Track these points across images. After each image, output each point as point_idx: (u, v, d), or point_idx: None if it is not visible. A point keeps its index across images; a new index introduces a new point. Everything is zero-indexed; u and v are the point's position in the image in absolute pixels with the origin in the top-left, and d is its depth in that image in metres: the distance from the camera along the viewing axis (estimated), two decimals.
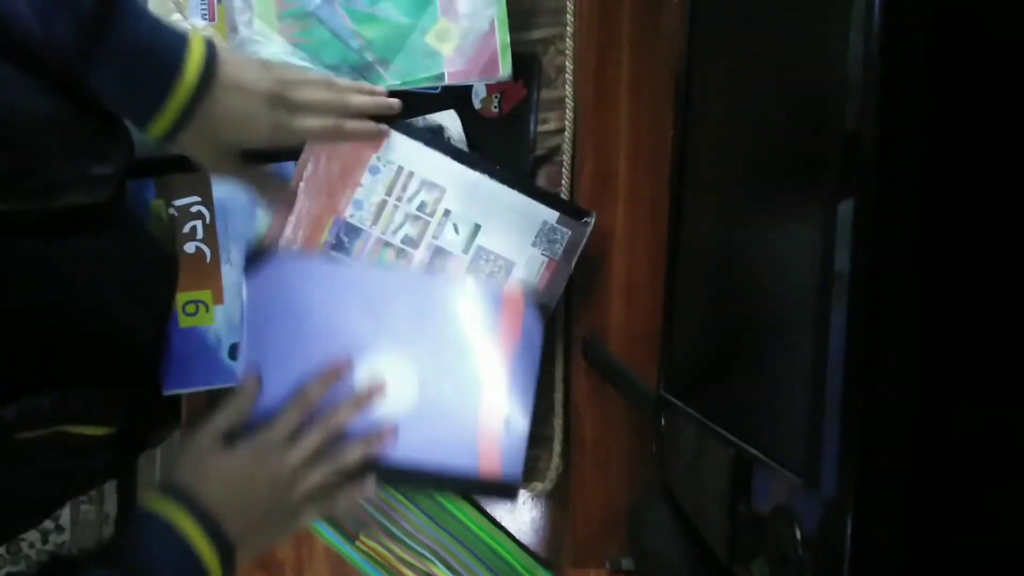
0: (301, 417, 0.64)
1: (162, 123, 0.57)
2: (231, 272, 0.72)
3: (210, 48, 0.58)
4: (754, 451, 0.38)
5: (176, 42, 0.57)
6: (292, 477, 0.62)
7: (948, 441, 0.29)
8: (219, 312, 0.72)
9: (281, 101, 0.61)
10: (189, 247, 0.72)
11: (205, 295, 0.72)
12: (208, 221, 0.72)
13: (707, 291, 0.52)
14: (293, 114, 0.62)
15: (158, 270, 0.71)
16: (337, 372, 0.66)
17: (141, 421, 0.72)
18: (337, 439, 0.65)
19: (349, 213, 0.69)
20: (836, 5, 0.31)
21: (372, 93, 0.67)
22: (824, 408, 0.30)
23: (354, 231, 0.69)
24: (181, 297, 0.72)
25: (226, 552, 0.58)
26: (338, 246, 0.69)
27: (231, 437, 0.63)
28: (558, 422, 0.71)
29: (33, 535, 1.61)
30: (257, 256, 0.68)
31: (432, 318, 0.67)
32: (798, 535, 0.31)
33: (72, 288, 0.61)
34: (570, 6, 0.72)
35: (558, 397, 0.71)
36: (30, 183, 0.55)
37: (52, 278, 0.59)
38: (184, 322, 0.72)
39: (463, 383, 0.67)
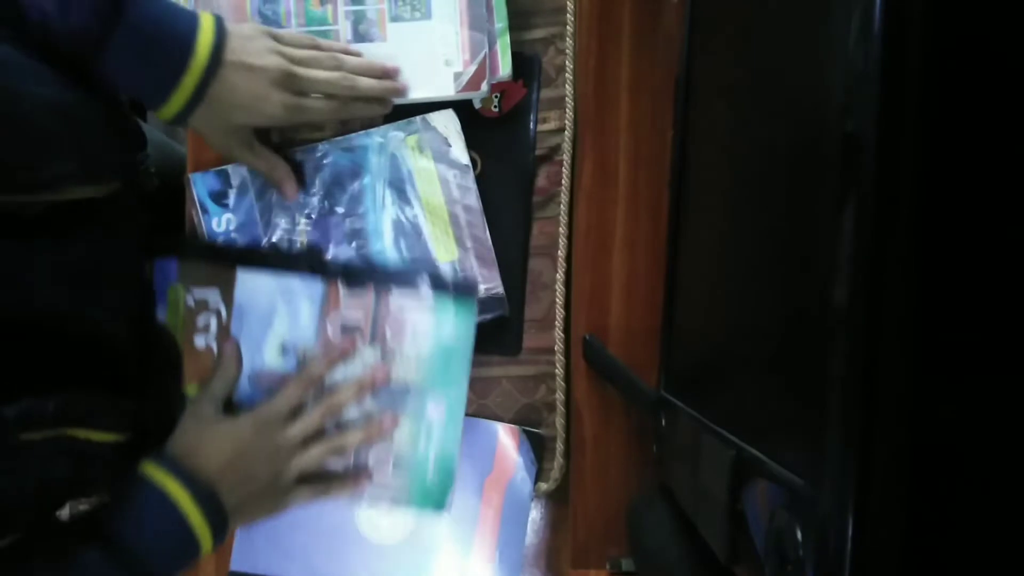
0: (303, 392, 0.64)
1: (173, 105, 0.58)
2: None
3: (219, 28, 0.59)
4: (754, 451, 0.37)
5: (187, 23, 0.57)
6: (291, 452, 0.62)
7: (949, 441, 0.29)
8: None
9: (289, 81, 0.61)
10: (199, 341, 0.69)
11: None
12: (224, 320, 0.69)
13: (708, 291, 0.52)
14: (301, 95, 0.62)
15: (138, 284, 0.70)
16: (343, 352, 0.66)
17: (154, 431, 0.71)
18: (339, 421, 0.65)
19: None
20: (836, 5, 0.30)
21: (381, 73, 0.66)
22: (825, 408, 0.30)
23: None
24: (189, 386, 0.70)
25: (219, 524, 0.57)
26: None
27: (229, 407, 0.63)
28: (560, 422, 0.71)
29: None
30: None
31: None
32: (799, 536, 0.31)
33: (53, 291, 0.60)
34: (570, 6, 0.72)
35: (559, 397, 0.71)
36: (37, 174, 0.53)
37: (36, 280, 0.58)
38: None
39: (459, 516, 0.70)
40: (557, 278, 0.71)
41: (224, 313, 0.69)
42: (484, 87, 0.68)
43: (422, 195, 0.70)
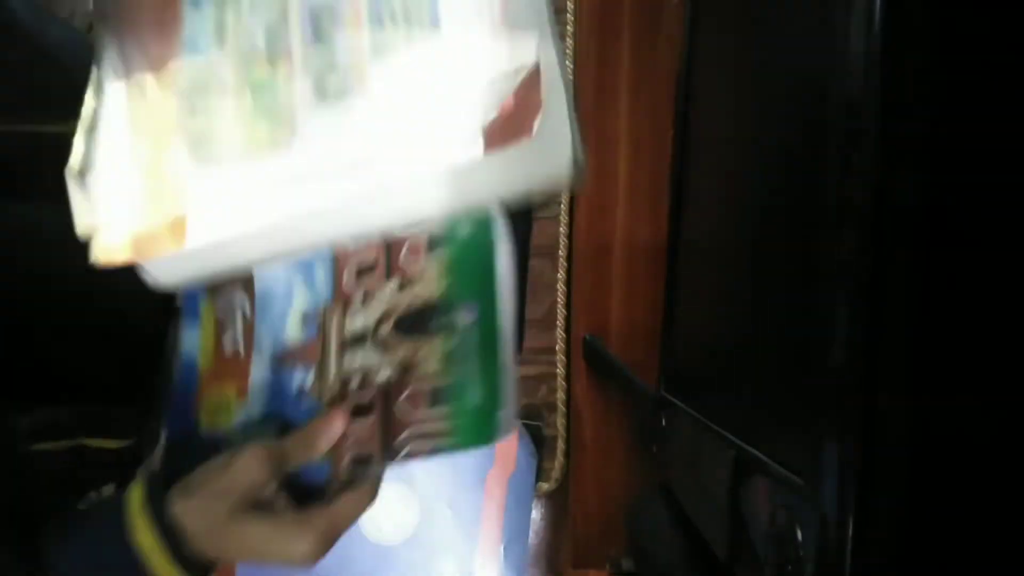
0: None
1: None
2: (259, 362, 0.66)
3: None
4: (754, 452, 0.37)
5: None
6: None
7: (948, 442, 0.29)
8: (239, 411, 0.63)
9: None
10: (227, 344, 0.69)
11: (229, 390, 0.65)
12: (248, 317, 0.69)
13: (708, 291, 0.52)
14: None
15: None
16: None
17: (154, 433, 0.70)
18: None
19: None
20: (836, 5, 0.31)
21: None
22: (825, 409, 0.30)
23: None
24: (207, 393, 0.65)
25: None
26: None
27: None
28: (561, 421, 0.71)
29: None
30: None
31: None
32: (799, 536, 0.31)
33: (66, 263, 0.59)
34: (570, 5, 0.72)
35: (560, 396, 0.71)
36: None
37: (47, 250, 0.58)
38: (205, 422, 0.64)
39: (463, 512, 0.69)
40: (558, 278, 0.71)
41: (248, 310, 0.69)
42: (535, 127, 0.38)
43: None
